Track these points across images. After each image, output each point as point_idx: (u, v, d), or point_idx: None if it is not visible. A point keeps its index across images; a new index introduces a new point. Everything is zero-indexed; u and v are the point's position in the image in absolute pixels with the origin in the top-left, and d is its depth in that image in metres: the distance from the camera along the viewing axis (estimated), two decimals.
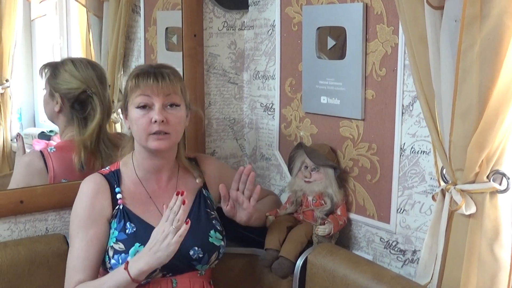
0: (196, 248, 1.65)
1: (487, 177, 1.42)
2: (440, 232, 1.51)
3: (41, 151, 1.93)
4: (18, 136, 2.06)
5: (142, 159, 1.69)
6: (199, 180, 1.78)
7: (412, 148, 1.71)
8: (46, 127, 2.13)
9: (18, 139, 2.04)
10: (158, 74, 1.61)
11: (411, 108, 1.69)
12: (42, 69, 1.98)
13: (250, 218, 1.75)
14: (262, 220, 1.86)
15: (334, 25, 1.88)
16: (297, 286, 1.76)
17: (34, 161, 1.91)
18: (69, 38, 2.22)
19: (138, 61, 2.24)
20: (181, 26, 2.10)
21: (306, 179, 1.87)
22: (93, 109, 1.94)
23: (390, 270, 1.68)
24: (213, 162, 1.90)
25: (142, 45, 2.24)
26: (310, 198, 1.87)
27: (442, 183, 1.54)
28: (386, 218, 1.80)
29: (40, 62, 2.07)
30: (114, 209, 1.66)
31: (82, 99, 1.94)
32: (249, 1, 2.23)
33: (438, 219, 1.52)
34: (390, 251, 1.81)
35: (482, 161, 1.40)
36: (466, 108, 1.36)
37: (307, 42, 1.98)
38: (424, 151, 1.68)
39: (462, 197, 1.43)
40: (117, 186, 1.68)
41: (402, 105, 1.72)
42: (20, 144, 2.01)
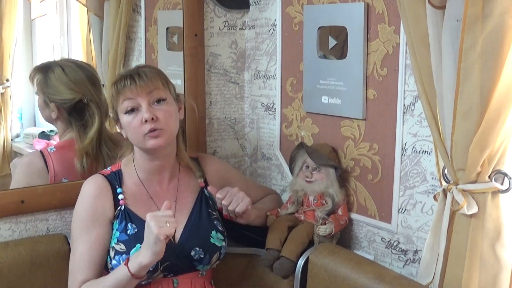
0: (197, 248, 1.65)
1: (489, 177, 1.42)
2: (441, 232, 1.51)
3: (41, 151, 1.92)
4: None
5: (143, 161, 1.69)
6: (201, 180, 1.78)
7: (413, 148, 1.71)
8: (46, 127, 2.13)
9: None
10: (134, 75, 1.61)
11: (413, 107, 1.69)
12: (32, 75, 1.94)
13: (249, 219, 1.76)
14: (262, 218, 1.86)
15: (335, 24, 1.88)
16: (298, 286, 1.76)
17: (35, 161, 1.91)
18: (69, 38, 2.22)
19: (138, 60, 2.24)
20: (182, 26, 2.10)
21: (307, 179, 1.87)
22: (90, 116, 1.93)
23: (392, 270, 1.68)
24: (215, 161, 1.90)
25: (143, 44, 2.24)
26: (311, 198, 1.87)
27: (444, 183, 1.53)
28: (387, 218, 1.80)
29: (40, 62, 2.07)
30: (116, 210, 1.66)
31: (78, 108, 1.92)
32: (250, 0, 2.23)
33: (439, 219, 1.52)
34: (391, 251, 1.81)
35: (484, 160, 1.40)
36: (468, 107, 1.36)
37: (308, 41, 1.97)
38: (425, 151, 1.68)
39: (464, 197, 1.43)
40: (118, 187, 1.68)
41: (404, 104, 1.71)
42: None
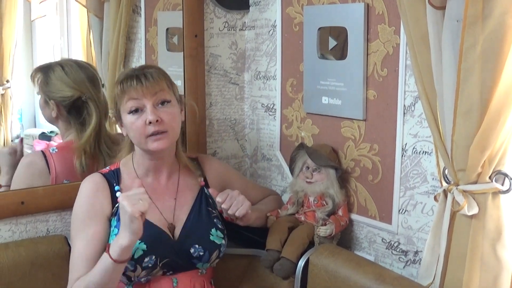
0: (196, 246, 1.66)
1: (490, 177, 1.42)
2: (442, 232, 1.51)
3: (42, 152, 1.92)
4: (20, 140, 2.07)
5: (142, 160, 1.70)
6: (201, 178, 1.78)
7: (414, 148, 1.70)
8: (46, 128, 2.13)
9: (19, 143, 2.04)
10: (140, 75, 1.61)
11: (413, 108, 1.69)
12: (33, 75, 1.96)
13: (249, 221, 1.75)
14: (263, 220, 1.86)
15: (335, 25, 1.88)
16: (298, 287, 1.76)
17: (36, 161, 1.91)
18: (69, 39, 2.22)
19: (138, 61, 2.24)
20: (182, 27, 2.10)
21: (308, 180, 1.87)
22: (88, 114, 1.94)
23: (392, 271, 1.67)
24: (215, 162, 1.90)
25: (143, 45, 2.24)
26: (311, 199, 1.87)
27: (444, 184, 1.53)
28: (388, 218, 1.80)
29: (40, 63, 2.07)
30: (113, 207, 1.66)
31: (77, 105, 1.93)
32: (250, 1, 2.23)
33: (440, 220, 1.52)
34: (392, 252, 1.81)
35: (484, 161, 1.40)
36: (468, 108, 1.36)
37: (308, 42, 1.97)
38: (426, 152, 1.68)
39: (464, 197, 1.42)
40: (116, 185, 1.69)
41: (404, 105, 1.71)
42: (19, 147, 2.00)
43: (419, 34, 1.44)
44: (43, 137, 2.14)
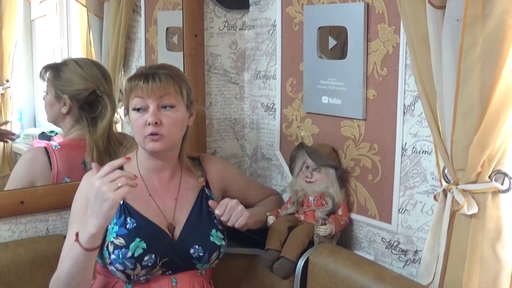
0: (196, 246, 1.65)
1: (489, 177, 1.42)
2: (442, 232, 1.51)
3: (45, 147, 1.91)
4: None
5: (144, 159, 1.70)
6: (202, 179, 1.78)
7: (413, 148, 1.70)
8: (46, 128, 2.13)
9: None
10: (150, 76, 1.60)
11: (413, 108, 1.69)
12: (43, 71, 1.95)
13: (248, 227, 1.74)
14: (262, 222, 1.87)
15: (335, 24, 1.88)
16: (298, 286, 1.76)
17: (38, 157, 1.90)
18: (69, 39, 2.22)
19: (138, 61, 2.24)
20: (181, 26, 2.10)
21: (307, 179, 1.87)
22: (104, 108, 1.94)
23: (392, 270, 1.67)
24: (216, 162, 1.90)
25: (143, 45, 2.24)
26: (311, 198, 1.87)
27: (444, 183, 1.53)
28: (387, 218, 1.80)
29: (40, 63, 2.07)
30: None
31: (91, 99, 1.93)
32: (250, 1, 2.23)
33: (440, 219, 1.52)
34: (391, 251, 1.81)
35: (484, 161, 1.40)
36: (468, 107, 1.36)
37: (308, 42, 1.97)
38: (425, 151, 1.68)
39: (464, 197, 1.42)
40: None
41: (404, 105, 1.71)
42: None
43: (419, 33, 1.44)
44: (43, 137, 2.14)
